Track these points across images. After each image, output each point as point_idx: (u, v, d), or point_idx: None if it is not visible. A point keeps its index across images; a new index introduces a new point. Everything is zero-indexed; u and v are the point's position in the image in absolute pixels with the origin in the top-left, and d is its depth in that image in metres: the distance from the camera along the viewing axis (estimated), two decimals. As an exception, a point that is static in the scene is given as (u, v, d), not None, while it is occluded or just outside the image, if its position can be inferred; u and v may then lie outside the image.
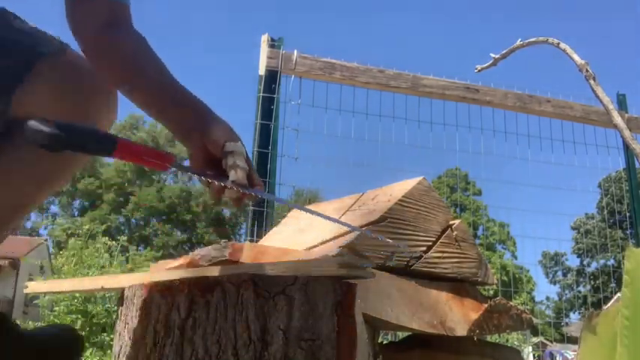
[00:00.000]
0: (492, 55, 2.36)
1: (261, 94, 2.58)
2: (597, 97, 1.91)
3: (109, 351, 4.22)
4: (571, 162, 3.17)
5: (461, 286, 1.39)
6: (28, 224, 38.31)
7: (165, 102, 0.99)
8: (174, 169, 0.91)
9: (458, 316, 1.28)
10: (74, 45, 1.09)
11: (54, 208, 38.57)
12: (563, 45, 2.01)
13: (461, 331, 1.25)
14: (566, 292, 35.77)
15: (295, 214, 1.77)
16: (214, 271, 0.98)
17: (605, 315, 0.50)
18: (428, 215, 1.39)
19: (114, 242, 5.24)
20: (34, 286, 1.29)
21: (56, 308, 4.51)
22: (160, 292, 0.97)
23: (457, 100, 2.90)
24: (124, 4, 1.09)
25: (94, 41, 1.04)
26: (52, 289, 1.38)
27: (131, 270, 5.16)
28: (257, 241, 2.08)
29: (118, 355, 1.03)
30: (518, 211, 3.28)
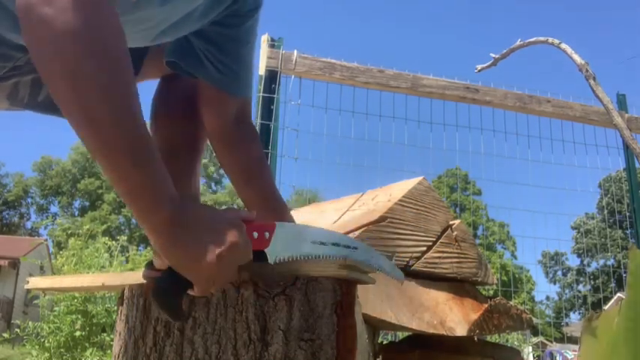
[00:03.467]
0: (492, 55, 2.36)
1: (261, 94, 2.58)
2: (597, 97, 1.91)
3: (109, 351, 4.22)
4: (571, 162, 3.18)
5: (461, 286, 1.39)
6: (28, 224, 38.35)
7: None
8: None
9: (458, 316, 1.28)
10: None
11: (54, 208, 38.59)
12: (563, 45, 2.01)
13: (461, 331, 1.25)
14: (566, 291, 35.77)
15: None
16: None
17: (605, 316, 0.49)
18: (428, 215, 1.39)
19: (114, 242, 5.23)
20: (35, 282, 1.29)
21: (56, 308, 4.50)
22: (160, 292, 0.97)
23: (457, 100, 2.90)
24: (248, 99, 1.19)
25: (222, 135, 1.18)
26: (53, 285, 1.38)
27: (131, 270, 5.16)
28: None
29: (118, 355, 1.03)
30: (518, 211, 3.28)
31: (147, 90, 1.25)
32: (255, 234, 0.78)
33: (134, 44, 1.02)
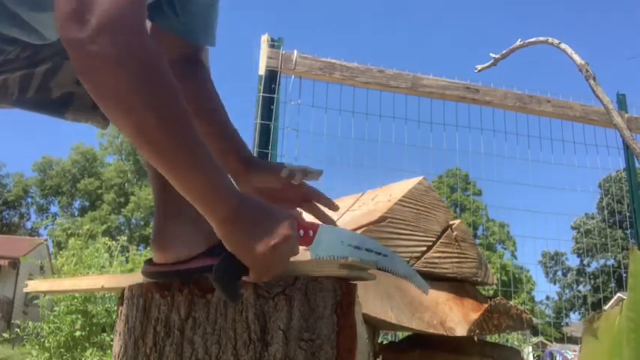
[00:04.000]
0: (492, 55, 2.36)
1: (261, 94, 2.58)
2: (597, 97, 1.91)
3: (109, 351, 4.22)
4: (571, 162, 3.17)
5: (461, 286, 1.39)
6: (28, 224, 38.36)
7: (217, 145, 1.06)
8: None
9: (458, 316, 1.28)
10: None
11: (54, 208, 38.60)
12: (563, 45, 2.01)
13: (461, 331, 1.25)
14: (566, 291, 35.77)
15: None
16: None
17: (606, 317, 0.49)
18: (428, 215, 1.39)
19: (114, 242, 5.23)
20: (34, 285, 1.29)
21: (56, 308, 4.50)
22: (160, 292, 0.97)
23: (457, 100, 2.90)
24: (199, 45, 1.13)
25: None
26: (52, 287, 1.38)
27: (131, 270, 5.16)
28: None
29: (118, 355, 1.03)
30: (518, 211, 3.28)
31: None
32: (302, 232, 0.86)
33: None
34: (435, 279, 1.34)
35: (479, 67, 2.42)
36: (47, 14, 0.88)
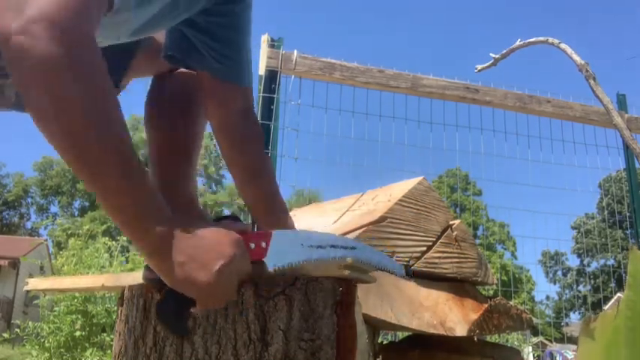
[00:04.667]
0: (492, 55, 2.36)
1: (261, 94, 2.58)
2: (597, 97, 1.91)
3: (109, 351, 4.22)
4: (571, 162, 3.17)
5: (461, 286, 1.39)
6: (28, 224, 38.34)
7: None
8: None
9: (458, 316, 1.28)
10: None
11: (54, 208, 38.58)
12: (563, 45, 2.00)
13: (461, 331, 1.25)
14: (566, 291, 35.77)
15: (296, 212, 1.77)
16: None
17: (603, 318, 0.49)
18: (428, 215, 1.39)
19: (114, 242, 5.22)
20: (35, 283, 1.29)
21: (56, 308, 4.50)
22: (160, 292, 0.97)
23: (457, 100, 2.90)
24: (249, 87, 1.17)
25: (226, 126, 1.16)
26: (52, 285, 1.38)
27: (131, 270, 5.16)
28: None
29: (118, 355, 1.03)
30: (518, 211, 3.28)
31: (140, 89, 1.24)
32: (252, 245, 0.78)
33: (114, 41, 1.00)
34: (435, 279, 1.34)
35: (479, 67, 2.42)
36: None
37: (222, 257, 0.71)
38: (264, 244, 0.79)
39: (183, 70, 1.17)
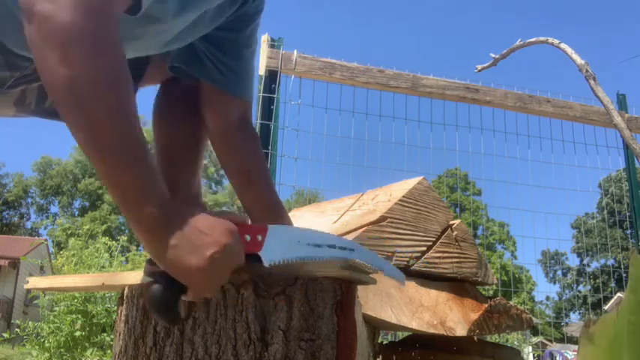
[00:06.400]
0: (492, 55, 2.36)
1: (261, 94, 2.58)
2: (597, 97, 1.91)
3: (109, 351, 4.22)
4: (571, 162, 3.18)
5: (461, 286, 1.39)
6: (28, 224, 38.34)
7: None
8: None
9: (458, 316, 1.28)
10: None
11: (54, 208, 38.58)
12: (563, 45, 2.01)
13: (461, 331, 1.25)
14: (566, 291, 35.77)
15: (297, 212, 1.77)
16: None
17: (603, 321, 0.49)
18: (428, 215, 1.39)
19: (114, 242, 5.22)
20: (35, 281, 1.29)
21: (56, 308, 4.50)
22: (160, 292, 0.97)
23: (457, 100, 2.90)
24: (249, 101, 1.22)
25: (224, 136, 1.20)
26: (52, 284, 1.38)
27: (131, 270, 5.15)
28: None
29: (118, 355, 1.03)
30: (518, 211, 3.28)
31: (148, 93, 1.27)
32: (248, 237, 0.77)
33: (145, 53, 1.04)
34: (435, 279, 1.34)
35: (479, 67, 2.42)
36: None
37: (215, 244, 0.71)
38: (259, 238, 0.78)
39: None
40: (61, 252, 5.23)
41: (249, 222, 0.84)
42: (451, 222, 1.44)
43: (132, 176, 0.69)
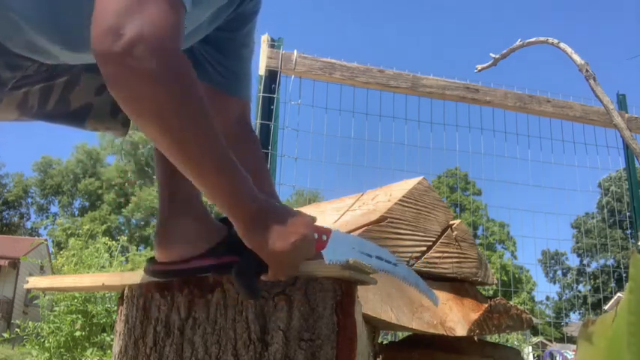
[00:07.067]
0: (492, 55, 2.36)
1: (261, 94, 2.58)
2: (597, 97, 1.91)
3: (109, 351, 4.22)
4: (571, 162, 3.18)
5: (461, 286, 1.39)
6: (28, 224, 38.35)
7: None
8: None
9: (458, 316, 1.28)
10: None
11: (54, 208, 38.59)
12: (563, 45, 2.01)
13: (461, 331, 1.25)
14: (566, 291, 35.77)
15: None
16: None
17: (602, 321, 0.49)
18: (428, 215, 1.39)
19: (114, 242, 5.22)
20: (35, 281, 1.29)
21: (56, 308, 4.50)
22: (160, 291, 0.97)
23: (457, 100, 2.90)
24: (248, 102, 1.23)
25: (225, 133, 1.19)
26: (52, 284, 1.38)
27: (131, 270, 5.15)
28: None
29: (118, 355, 1.03)
30: (518, 211, 3.28)
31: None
32: (316, 235, 0.87)
33: None
34: (435, 279, 1.34)
35: (479, 67, 2.42)
36: (78, 54, 0.94)
37: (297, 234, 0.83)
38: (324, 237, 0.88)
39: None
40: (61, 252, 5.23)
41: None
42: (451, 222, 1.44)
43: (230, 183, 0.81)
